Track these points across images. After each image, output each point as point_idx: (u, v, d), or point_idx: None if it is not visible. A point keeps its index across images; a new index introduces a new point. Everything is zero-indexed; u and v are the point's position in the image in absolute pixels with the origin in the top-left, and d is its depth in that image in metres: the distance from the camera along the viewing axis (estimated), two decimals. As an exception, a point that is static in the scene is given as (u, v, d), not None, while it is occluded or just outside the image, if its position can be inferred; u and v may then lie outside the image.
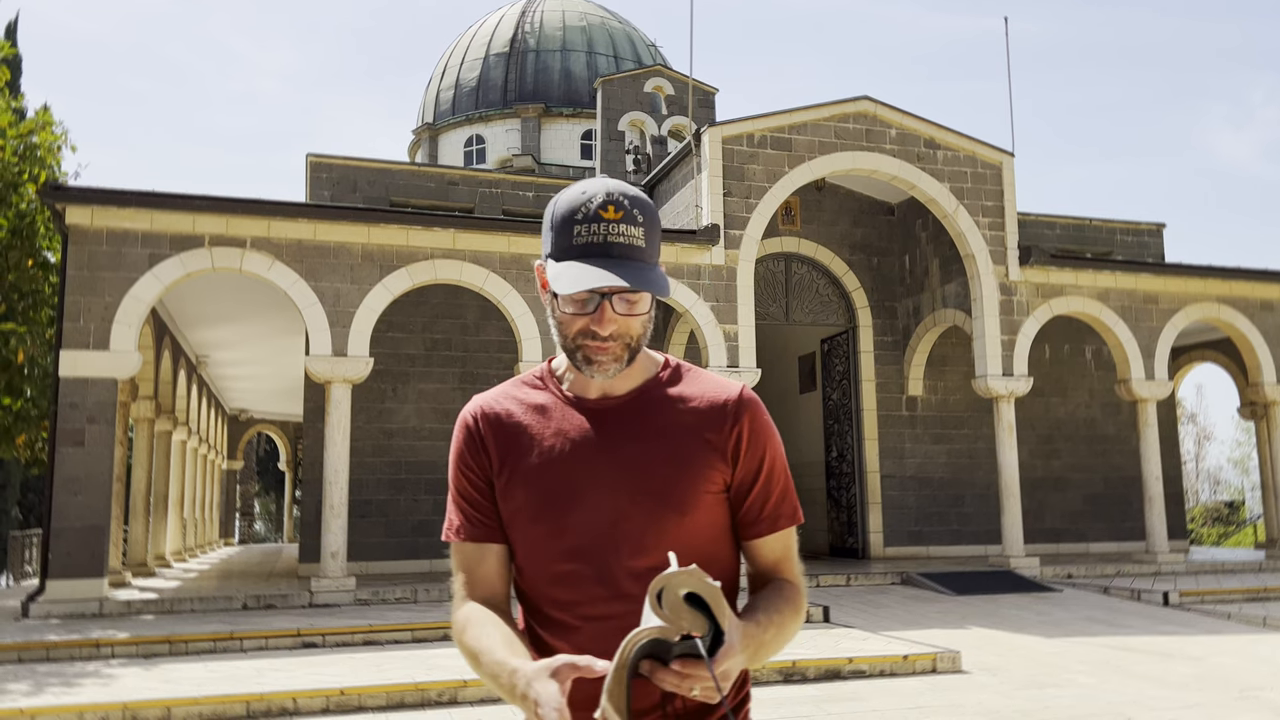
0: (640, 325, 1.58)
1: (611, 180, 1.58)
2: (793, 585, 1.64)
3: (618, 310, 1.54)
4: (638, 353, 1.60)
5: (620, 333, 1.56)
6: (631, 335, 1.57)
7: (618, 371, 1.58)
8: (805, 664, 7.94)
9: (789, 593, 1.62)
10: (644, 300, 1.56)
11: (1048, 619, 10.97)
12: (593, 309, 1.54)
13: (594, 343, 1.56)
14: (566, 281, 1.51)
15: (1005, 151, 15.66)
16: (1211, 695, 7.20)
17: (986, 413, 16.96)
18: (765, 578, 1.66)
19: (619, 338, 1.56)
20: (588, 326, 1.55)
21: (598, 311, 1.54)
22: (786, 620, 1.56)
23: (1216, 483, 48.63)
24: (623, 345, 1.57)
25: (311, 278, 12.30)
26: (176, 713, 6.69)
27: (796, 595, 1.62)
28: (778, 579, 1.65)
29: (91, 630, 9.55)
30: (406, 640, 9.57)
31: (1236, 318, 16.52)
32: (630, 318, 1.56)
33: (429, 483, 15.47)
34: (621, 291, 1.53)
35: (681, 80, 23.55)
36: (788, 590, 1.62)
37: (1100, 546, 18.28)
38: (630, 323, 1.56)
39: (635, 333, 1.58)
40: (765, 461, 1.63)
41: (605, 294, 1.53)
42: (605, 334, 1.55)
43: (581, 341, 1.56)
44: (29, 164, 12.53)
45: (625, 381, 1.64)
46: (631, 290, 1.53)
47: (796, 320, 17.35)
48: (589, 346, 1.56)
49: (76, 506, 11.22)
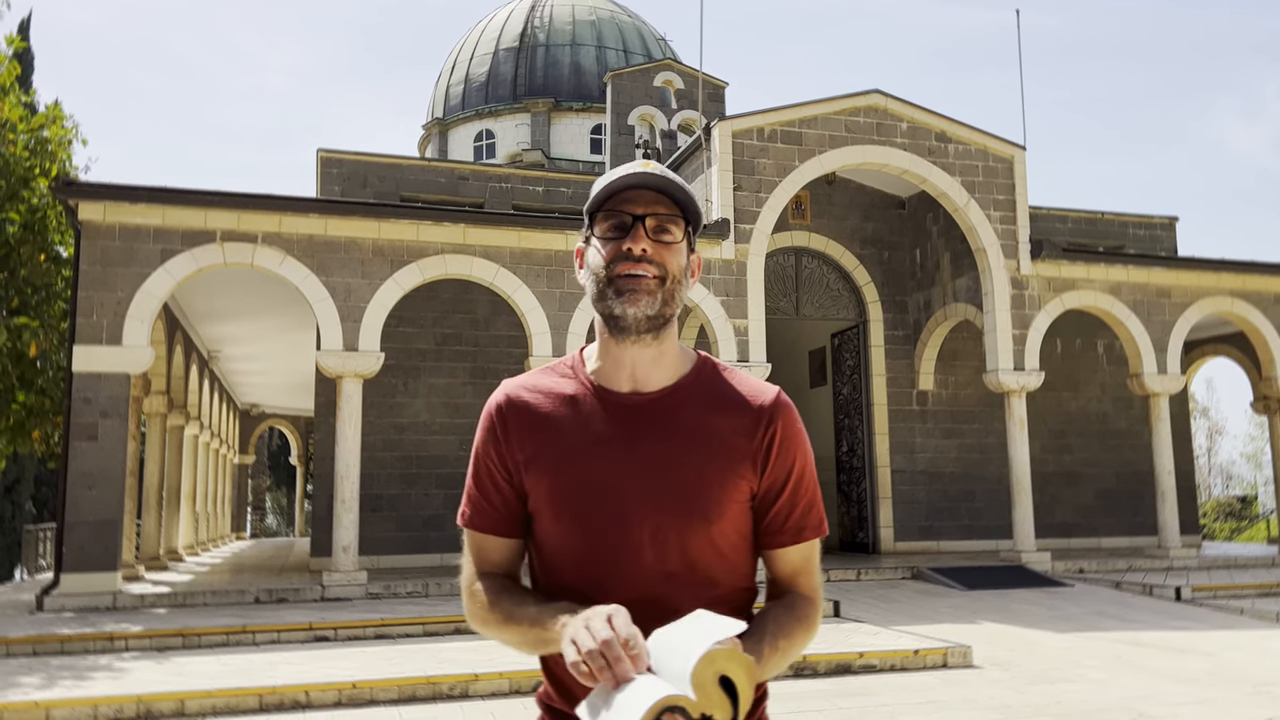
0: (675, 260, 1.54)
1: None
2: (808, 600, 1.60)
3: (651, 235, 1.52)
4: (672, 303, 1.55)
5: (655, 259, 1.53)
6: (667, 268, 1.54)
7: (651, 308, 1.53)
8: (816, 659, 7.93)
9: (802, 610, 1.57)
10: (679, 231, 1.54)
11: (1059, 614, 10.94)
12: (627, 231, 1.53)
13: (627, 264, 1.52)
14: (601, 190, 1.53)
15: (1017, 145, 15.58)
16: (1224, 691, 7.17)
17: (998, 407, 16.90)
18: (782, 587, 1.62)
19: (654, 264, 1.53)
20: (622, 249, 1.52)
21: (632, 231, 1.52)
22: (795, 640, 1.53)
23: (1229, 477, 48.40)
24: (657, 278, 1.53)
25: (322, 273, 12.33)
26: (190, 705, 6.72)
27: (810, 611, 1.58)
28: (794, 592, 1.61)
29: (105, 624, 9.60)
30: (418, 634, 9.60)
31: (1250, 311, 16.42)
32: (664, 246, 1.53)
33: (440, 477, 15.51)
34: (656, 213, 1.53)
35: (691, 74, 23.51)
36: (801, 607, 1.58)
37: (1112, 541, 18.22)
38: (665, 253, 1.53)
39: (671, 267, 1.54)
40: (795, 470, 1.58)
41: (639, 216, 1.52)
42: (638, 251, 1.51)
43: (615, 271, 1.53)
44: (40, 159, 12.57)
45: (658, 376, 1.60)
46: (667, 214, 1.53)
47: (807, 314, 17.31)
48: (622, 272, 1.52)
49: (90, 501, 11.28)
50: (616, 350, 1.59)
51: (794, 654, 1.54)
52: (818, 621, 1.60)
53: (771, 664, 1.48)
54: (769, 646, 1.47)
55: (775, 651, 1.48)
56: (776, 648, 1.49)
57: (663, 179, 1.53)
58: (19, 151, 12.39)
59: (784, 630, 1.53)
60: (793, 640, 1.53)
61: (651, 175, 1.53)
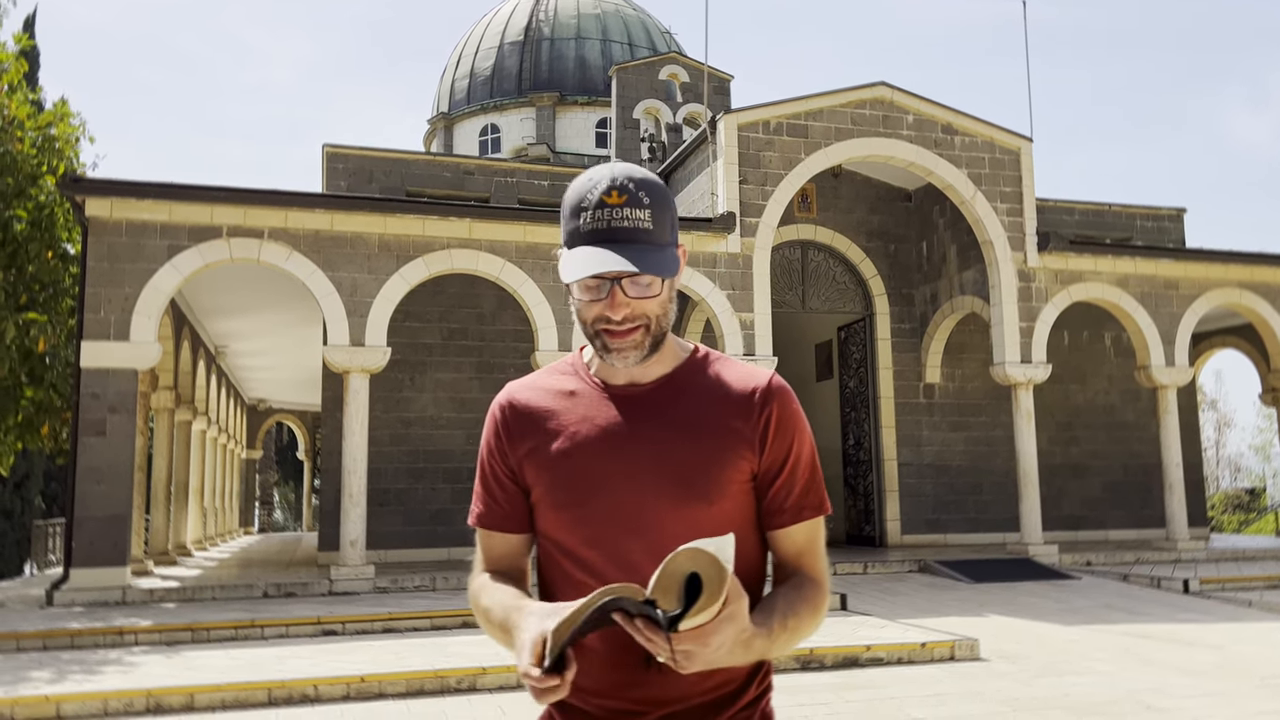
0: (657, 307, 1.56)
1: (620, 164, 1.57)
2: (814, 582, 1.60)
3: (630, 294, 1.53)
4: (662, 337, 1.59)
5: (635, 315, 1.55)
6: (649, 317, 1.56)
7: (640, 358, 1.57)
8: (823, 652, 7.94)
9: (809, 592, 1.58)
10: (657, 282, 1.55)
11: (1066, 606, 10.93)
12: (604, 294, 1.53)
13: (610, 327, 1.55)
14: (570, 269, 1.51)
15: (1023, 137, 15.53)
16: (1232, 683, 7.16)
17: (1005, 400, 16.87)
18: (788, 570, 1.63)
19: (635, 321, 1.55)
20: (602, 313, 1.55)
21: (609, 296, 1.53)
22: (804, 620, 1.54)
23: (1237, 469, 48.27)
24: (642, 330, 1.55)
25: (329, 268, 12.35)
26: (199, 699, 6.75)
27: (817, 593, 1.59)
28: (800, 574, 1.62)
29: (115, 618, 9.65)
30: (426, 628, 9.62)
31: (1258, 303, 16.37)
32: (644, 300, 1.54)
33: (447, 471, 15.54)
34: (629, 275, 1.52)
35: (696, 67, 23.46)
36: (808, 589, 1.58)
37: (1119, 534, 18.19)
38: (645, 305, 1.55)
39: (652, 314, 1.56)
40: (793, 451, 1.60)
41: (614, 279, 1.52)
42: (618, 318, 1.54)
43: (599, 328, 1.56)
44: (47, 155, 12.60)
45: (653, 368, 1.63)
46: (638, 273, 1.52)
47: (813, 308, 17.29)
48: (606, 333, 1.56)
49: (99, 496, 11.32)
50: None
51: (803, 635, 1.55)
52: (825, 605, 1.61)
53: (781, 641, 1.49)
54: (779, 623, 1.49)
55: (785, 629, 1.49)
56: (786, 625, 1.50)
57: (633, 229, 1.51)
58: (26, 149, 12.41)
59: (793, 609, 1.54)
60: (801, 620, 1.54)
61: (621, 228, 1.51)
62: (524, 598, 1.55)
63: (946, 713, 6.40)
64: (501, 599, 1.56)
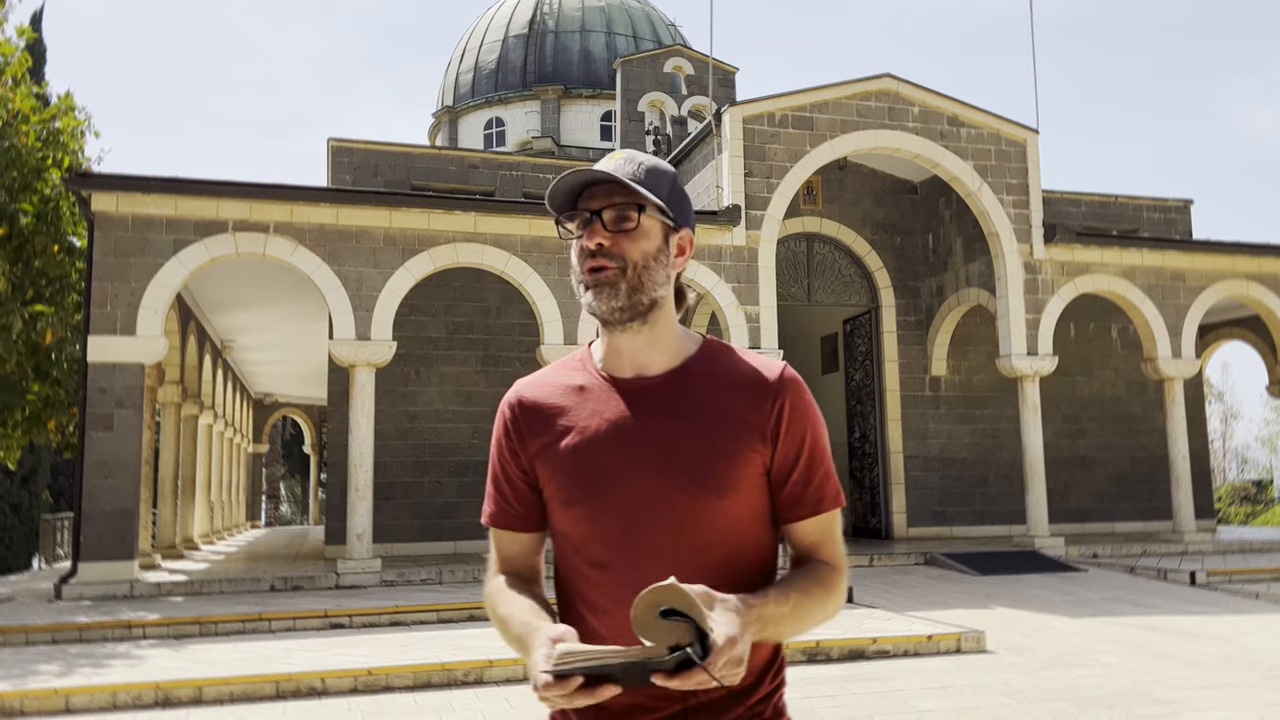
0: (638, 251, 1.55)
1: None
2: (829, 566, 1.59)
3: (611, 227, 1.54)
4: (643, 292, 1.56)
5: (615, 252, 1.54)
6: (627, 258, 1.55)
7: (619, 303, 1.55)
8: (829, 644, 7.94)
9: (823, 573, 1.58)
10: (635, 220, 1.54)
11: (1073, 599, 10.92)
12: (587, 228, 1.55)
13: (590, 261, 1.55)
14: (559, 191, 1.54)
15: (1029, 128, 15.48)
16: (1239, 675, 7.15)
17: (1011, 392, 16.85)
18: (804, 560, 1.62)
19: (614, 256, 1.54)
20: (583, 247, 1.55)
21: (590, 227, 1.55)
22: (813, 598, 1.53)
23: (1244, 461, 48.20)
24: (617, 271, 1.54)
25: (334, 262, 12.36)
26: (208, 693, 6.78)
27: (832, 575, 1.58)
28: (815, 560, 1.61)
29: (122, 612, 9.68)
30: (432, 621, 9.65)
31: (1265, 295, 16.31)
32: (622, 236, 1.54)
33: (452, 465, 15.56)
34: (612, 203, 1.54)
35: (701, 60, 23.42)
36: (822, 571, 1.58)
37: (1126, 526, 18.17)
38: (624, 242, 1.54)
39: (632, 256, 1.55)
40: (807, 443, 1.58)
41: (595, 211, 1.54)
42: (593, 245, 1.53)
43: (583, 271, 1.56)
44: (53, 150, 12.60)
45: (661, 360, 1.61)
46: (623, 203, 1.53)
47: (819, 301, 17.27)
48: (586, 270, 1.55)
49: (106, 490, 11.36)
50: (611, 340, 1.62)
51: (814, 614, 1.54)
52: (840, 587, 1.59)
53: (784, 612, 1.47)
54: (777, 595, 1.48)
55: (786, 603, 1.48)
56: (787, 598, 1.49)
57: (604, 169, 1.54)
58: (31, 143, 12.42)
59: (797, 587, 1.53)
60: (808, 597, 1.52)
61: (597, 172, 1.54)
62: (544, 616, 1.52)
63: (953, 705, 6.40)
64: (520, 614, 1.53)
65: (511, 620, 1.54)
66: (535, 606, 1.55)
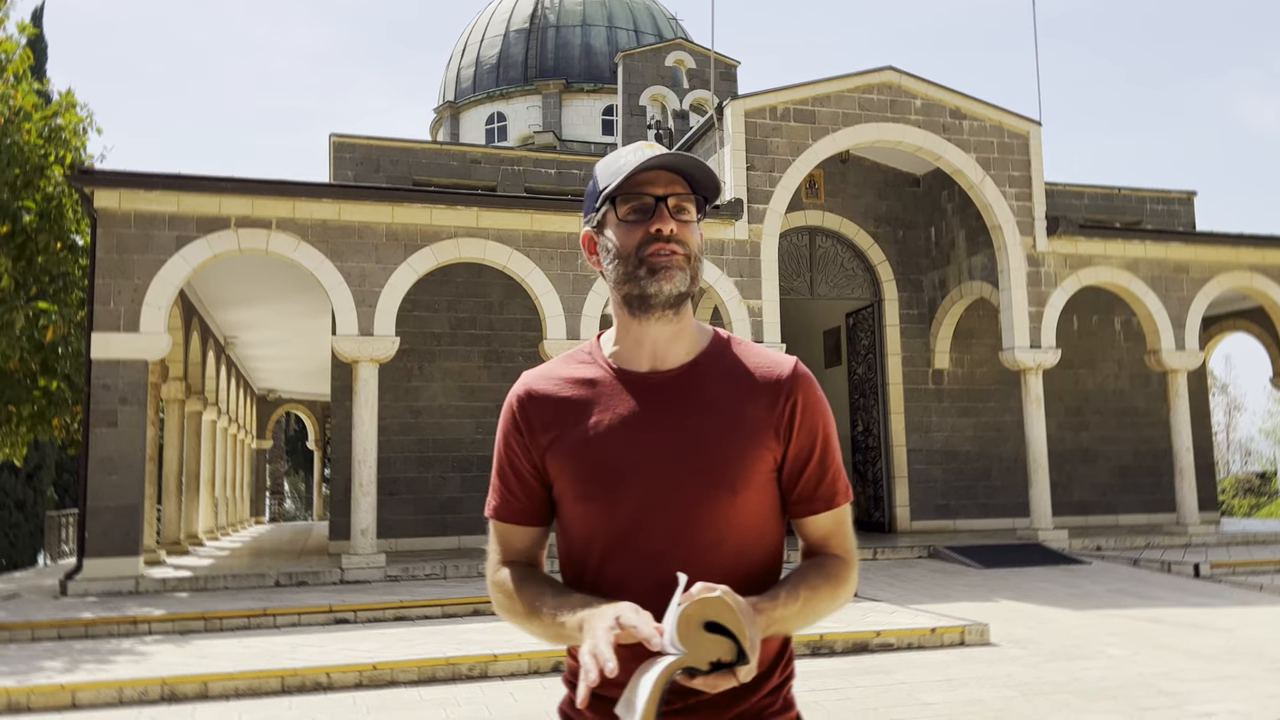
0: (695, 239, 1.58)
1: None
2: (838, 559, 1.61)
3: (672, 215, 1.55)
4: (698, 280, 1.58)
5: (680, 238, 1.55)
6: (689, 246, 1.57)
7: (682, 287, 1.55)
8: (833, 637, 7.95)
9: (832, 567, 1.59)
10: (694, 210, 1.58)
11: (1077, 591, 10.92)
12: (650, 214, 1.55)
13: (658, 244, 1.55)
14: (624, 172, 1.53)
15: (1032, 121, 15.45)
16: (1243, 667, 7.15)
17: (1014, 385, 16.83)
18: (815, 553, 1.64)
19: (680, 243, 1.55)
20: (648, 230, 1.55)
21: (656, 212, 1.55)
22: (821, 594, 1.54)
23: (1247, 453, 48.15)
24: (684, 255, 1.56)
25: (337, 258, 12.36)
26: (213, 688, 6.80)
27: (841, 568, 1.60)
28: (825, 553, 1.63)
29: (128, 607, 9.71)
30: (436, 615, 9.67)
31: (1269, 286, 16.28)
32: (684, 225, 1.56)
33: (456, 460, 15.57)
34: (675, 193, 1.55)
35: (703, 53, 23.37)
36: (831, 564, 1.59)
37: (1130, 519, 18.16)
38: (685, 231, 1.56)
39: (692, 245, 1.57)
40: (819, 439, 1.60)
41: (660, 197, 1.55)
42: (667, 231, 1.54)
43: (645, 252, 1.55)
44: (55, 147, 12.60)
45: (679, 353, 1.61)
46: (685, 193, 1.55)
47: (821, 294, 17.26)
48: (654, 251, 1.55)
49: (111, 486, 11.38)
50: (638, 330, 1.60)
51: (823, 608, 1.55)
52: (851, 579, 1.61)
53: (793, 611, 1.49)
54: (787, 595, 1.49)
55: (795, 601, 1.50)
56: (797, 595, 1.50)
57: (679, 158, 1.55)
58: (34, 140, 12.42)
59: (807, 584, 1.54)
60: (817, 593, 1.54)
61: (668, 156, 1.54)
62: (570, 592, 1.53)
63: (957, 697, 6.41)
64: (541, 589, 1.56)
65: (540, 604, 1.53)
66: (555, 583, 1.56)
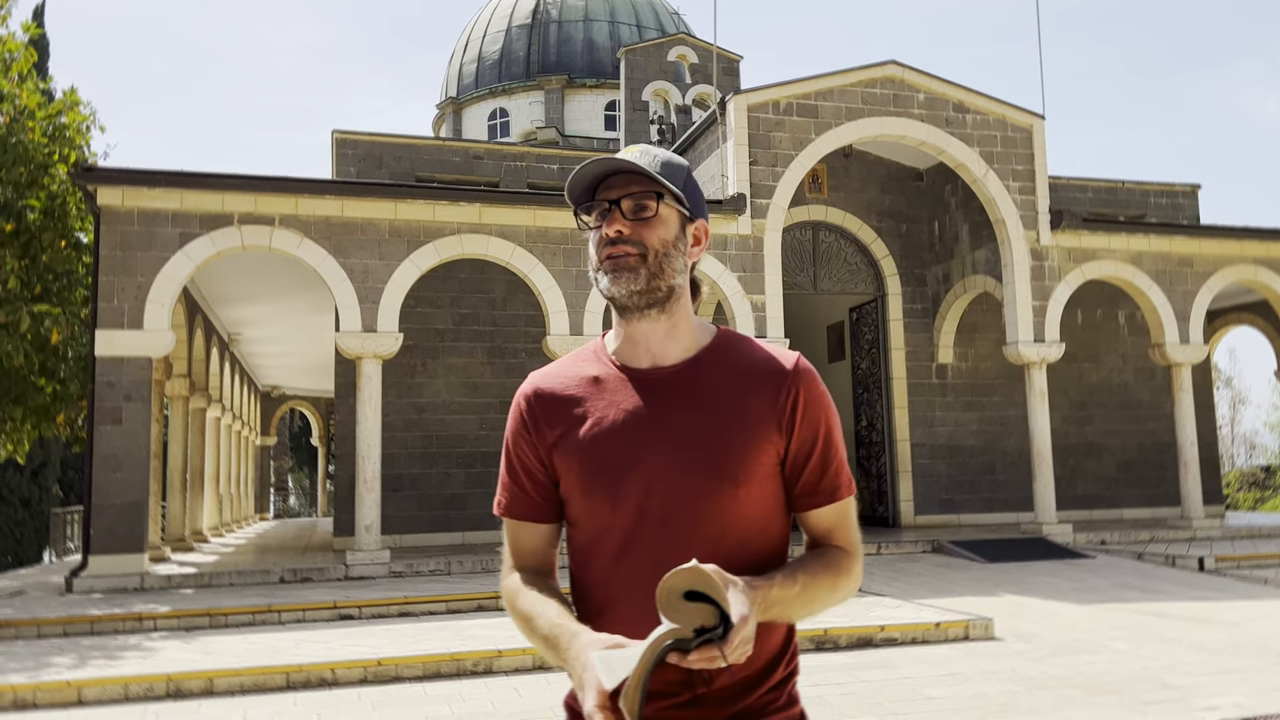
0: (656, 240, 1.58)
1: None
2: (841, 550, 1.62)
3: (630, 216, 1.57)
4: (663, 279, 1.59)
5: (634, 238, 1.57)
6: (647, 245, 1.57)
7: (637, 288, 1.57)
8: (837, 632, 7.95)
9: (833, 557, 1.60)
10: (653, 208, 1.58)
11: (1081, 585, 10.92)
12: (604, 218, 1.58)
13: (609, 248, 1.57)
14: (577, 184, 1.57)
15: (1035, 114, 15.41)
16: (1249, 660, 7.14)
17: (1018, 379, 16.81)
18: (819, 546, 1.65)
19: (633, 242, 1.57)
20: (602, 235, 1.58)
21: (609, 216, 1.57)
22: (820, 581, 1.55)
23: (1252, 447, 48.07)
24: (638, 257, 1.57)
25: (340, 254, 12.37)
26: (219, 684, 6.81)
27: (844, 559, 1.60)
28: (828, 545, 1.63)
29: (133, 604, 9.73)
30: (441, 612, 9.68)
31: (1274, 280, 16.24)
32: (641, 224, 1.57)
33: (460, 456, 15.59)
34: (630, 193, 1.57)
35: (705, 48, 23.34)
36: (833, 555, 1.60)
37: (1134, 513, 18.14)
38: (643, 230, 1.57)
39: (652, 243, 1.58)
40: (821, 433, 1.60)
41: (614, 200, 1.57)
42: (612, 232, 1.56)
43: (602, 258, 1.59)
44: (59, 145, 12.62)
45: (676, 350, 1.63)
46: (640, 192, 1.57)
47: (824, 289, 17.24)
48: (607, 255, 1.58)
49: (116, 483, 11.40)
50: (629, 328, 1.63)
51: (823, 596, 1.55)
52: (855, 570, 1.61)
53: (791, 594, 1.49)
54: (784, 577, 1.50)
55: (793, 585, 1.50)
56: (794, 579, 1.51)
57: (626, 161, 1.56)
58: (38, 138, 12.44)
59: (805, 570, 1.54)
60: (816, 580, 1.54)
61: (601, 161, 1.56)
62: (570, 617, 1.53)
63: (962, 692, 6.41)
64: (546, 613, 1.54)
65: (538, 622, 1.54)
66: (560, 607, 1.56)
